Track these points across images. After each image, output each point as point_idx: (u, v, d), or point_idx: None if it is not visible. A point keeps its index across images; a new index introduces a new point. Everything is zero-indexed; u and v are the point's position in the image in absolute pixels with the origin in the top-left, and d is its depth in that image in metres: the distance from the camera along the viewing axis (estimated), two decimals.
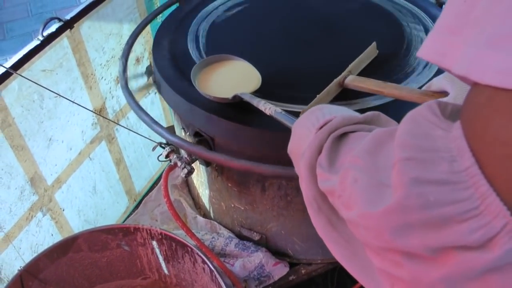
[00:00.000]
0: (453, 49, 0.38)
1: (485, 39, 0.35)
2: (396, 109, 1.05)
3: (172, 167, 1.16)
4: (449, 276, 0.38)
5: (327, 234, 0.56)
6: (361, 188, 0.44)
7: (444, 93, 0.87)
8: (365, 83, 1.05)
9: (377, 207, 0.41)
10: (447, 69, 0.38)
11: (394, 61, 1.19)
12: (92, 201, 1.62)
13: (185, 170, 1.10)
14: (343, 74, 1.07)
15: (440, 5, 1.48)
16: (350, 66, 1.10)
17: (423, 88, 0.95)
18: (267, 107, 0.90)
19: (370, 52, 1.17)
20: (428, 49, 0.40)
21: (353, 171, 0.46)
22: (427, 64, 1.17)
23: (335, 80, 1.06)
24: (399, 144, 0.41)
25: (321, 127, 0.59)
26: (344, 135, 0.57)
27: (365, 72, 1.14)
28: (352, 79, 1.07)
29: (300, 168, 0.58)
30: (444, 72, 0.87)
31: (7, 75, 1.15)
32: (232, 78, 1.10)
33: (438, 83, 0.88)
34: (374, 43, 1.18)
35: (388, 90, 1.01)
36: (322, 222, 0.56)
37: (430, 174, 0.37)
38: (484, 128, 0.35)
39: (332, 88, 1.05)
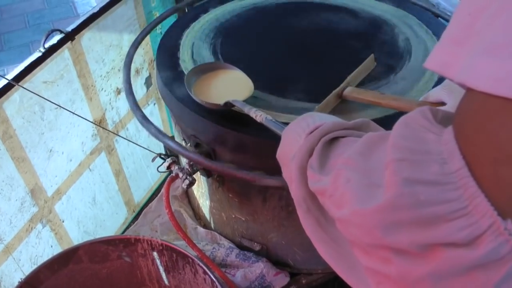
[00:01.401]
0: (456, 60, 0.39)
1: (482, 48, 0.36)
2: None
3: (173, 178, 1.16)
4: (436, 271, 0.39)
5: (315, 234, 0.58)
6: (354, 187, 0.46)
7: (442, 104, 0.89)
8: (363, 94, 1.07)
9: (369, 205, 0.42)
10: (450, 79, 0.39)
11: (392, 73, 1.20)
12: (92, 212, 1.62)
13: (187, 181, 1.11)
14: (342, 85, 1.09)
15: (436, 16, 1.49)
16: (349, 77, 1.11)
17: (421, 99, 0.97)
18: (258, 114, 0.91)
19: (368, 63, 1.19)
20: (434, 60, 0.41)
21: (346, 171, 0.48)
22: (423, 75, 1.19)
23: (334, 92, 1.07)
24: (392, 146, 0.42)
25: (311, 132, 0.60)
26: (334, 139, 0.58)
27: (365, 84, 1.15)
28: (350, 91, 1.08)
29: (291, 169, 0.59)
30: (442, 82, 0.89)
31: (8, 87, 1.15)
32: (225, 85, 1.12)
33: (436, 93, 0.90)
34: (372, 55, 1.20)
35: (386, 101, 1.03)
36: (311, 222, 0.58)
37: (421, 175, 0.39)
38: (476, 133, 0.37)
39: (331, 99, 1.07)
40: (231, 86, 1.11)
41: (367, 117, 1.07)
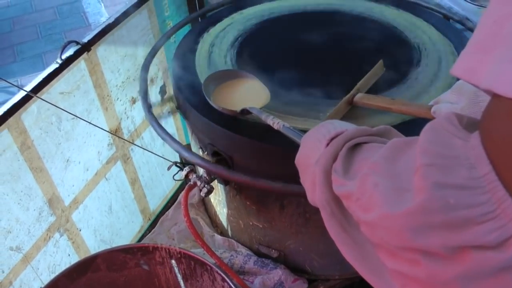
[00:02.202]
0: (483, 66, 0.39)
1: (510, 54, 0.37)
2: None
3: (191, 187, 1.16)
4: (465, 274, 0.40)
5: (338, 236, 0.58)
6: (382, 191, 0.47)
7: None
8: (374, 100, 1.08)
9: (398, 208, 0.43)
10: (476, 85, 0.40)
11: (403, 79, 1.20)
12: (108, 220, 1.63)
13: (205, 190, 1.11)
14: (352, 92, 1.09)
15: (447, 18, 1.49)
16: (358, 84, 1.12)
17: (431, 103, 0.97)
18: (275, 122, 0.91)
19: (377, 69, 1.19)
20: (460, 66, 0.42)
21: (373, 176, 0.49)
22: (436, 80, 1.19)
23: (344, 99, 1.08)
24: (421, 151, 0.43)
25: (332, 139, 0.62)
26: (357, 145, 0.59)
27: (376, 90, 1.15)
28: (360, 97, 1.09)
29: (315, 173, 0.60)
30: (452, 86, 0.91)
31: (26, 98, 1.17)
32: (242, 93, 1.13)
33: (446, 97, 0.91)
34: (381, 61, 1.20)
35: (396, 106, 1.04)
36: (334, 225, 0.58)
37: (451, 179, 0.40)
38: (503, 139, 0.38)
39: (341, 106, 1.07)
40: (248, 94, 1.11)
41: (379, 123, 1.07)
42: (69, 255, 1.46)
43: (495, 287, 0.39)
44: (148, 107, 1.20)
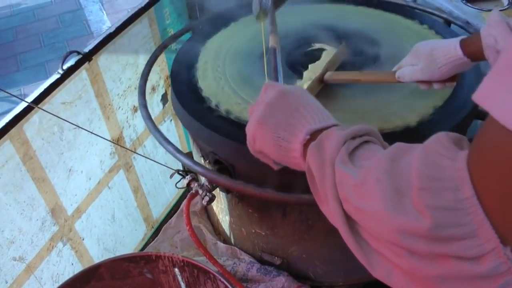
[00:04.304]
0: (496, 94, 0.41)
1: None
2: None
3: (193, 195, 1.16)
4: (443, 275, 0.46)
5: (352, 245, 0.59)
6: (382, 188, 0.51)
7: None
8: (343, 75, 1.15)
9: (395, 212, 0.48)
10: (487, 110, 0.41)
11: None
12: (111, 229, 1.63)
13: (207, 198, 1.11)
14: (321, 71, 1.15)
15: (448, 23, 1.49)
16: (326, 64, 1.17)
17: (395, 67, 1.06)
18: (272, 40, 0.97)
19: (341, 50, 1.25)
20: (479, 94, 0.43)
21: (377, 171, 0.52)
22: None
23: (315, 78, 1.14)
24: (416, 174, 0.48)
25: (309, 134, 0.66)
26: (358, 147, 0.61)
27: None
28: (330, 74, 1.15)
29: (326, 190, 0.60)
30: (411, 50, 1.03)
31: (28, 109, 1.17)
32: None
33: (407, 61, 1.04)
34: (343, 43, 1.26)
35: (365, 77, 1.11)
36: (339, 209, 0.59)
37: (439, 202, 0.45)
38: (490, 168, 0.42)
39: (313, 84, 1.13)
40: None
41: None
42: (72, 264, 1.46)
43: None
44: (148, 117, 1.20)
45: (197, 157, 1.33)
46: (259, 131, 0.71)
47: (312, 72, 1.18)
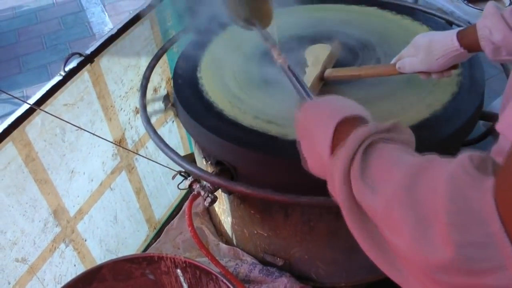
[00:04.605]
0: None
1: None
2: None
3: (195, 197, 1.17)
4: None
5: (356, 230, 0.62)
6: (408, 225, 0.51)
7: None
8: (342, 71, 1.16)
9: (425, 249, 0.49)
10: (505, 136, 0.43)
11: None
12: (114, 230, 1.63)
13: (209, 199, 1.11)
14: (320, 70, 1.15)
15: (450, 23, 1.49)
16: (323, 62, 1.17)
17: (394, 60, 1.08)
18: (280, 56, 0.93)
19: (336, 47, 1.25)
20: (503, 125, 0.45)
21: (398, 210, 0.52)
22: None
23: (315, 76, 1.13)
24: (442, 209, 0.47)
25: (339, 122, 0.66)
26: (371, 145, 0.62)
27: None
28: (330, 71, 1.16)
29: (333, 174, 0.62)
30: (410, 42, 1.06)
31: (30, 111, 1.17)
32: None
33: (406, 52, 1.06)
34: (337, 40, 1.26)
35: (364, 71, 1.13)
36: (352, 218, 0.62)
37: (469, 237, 0.45)
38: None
39: (314, 83, 1.13)
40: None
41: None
42: (75, 265, 1.47)
43: None
44: (147, 120, 1.20)
45: (199, 158, 1.33)
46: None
47: (313, 66, 1.18)
